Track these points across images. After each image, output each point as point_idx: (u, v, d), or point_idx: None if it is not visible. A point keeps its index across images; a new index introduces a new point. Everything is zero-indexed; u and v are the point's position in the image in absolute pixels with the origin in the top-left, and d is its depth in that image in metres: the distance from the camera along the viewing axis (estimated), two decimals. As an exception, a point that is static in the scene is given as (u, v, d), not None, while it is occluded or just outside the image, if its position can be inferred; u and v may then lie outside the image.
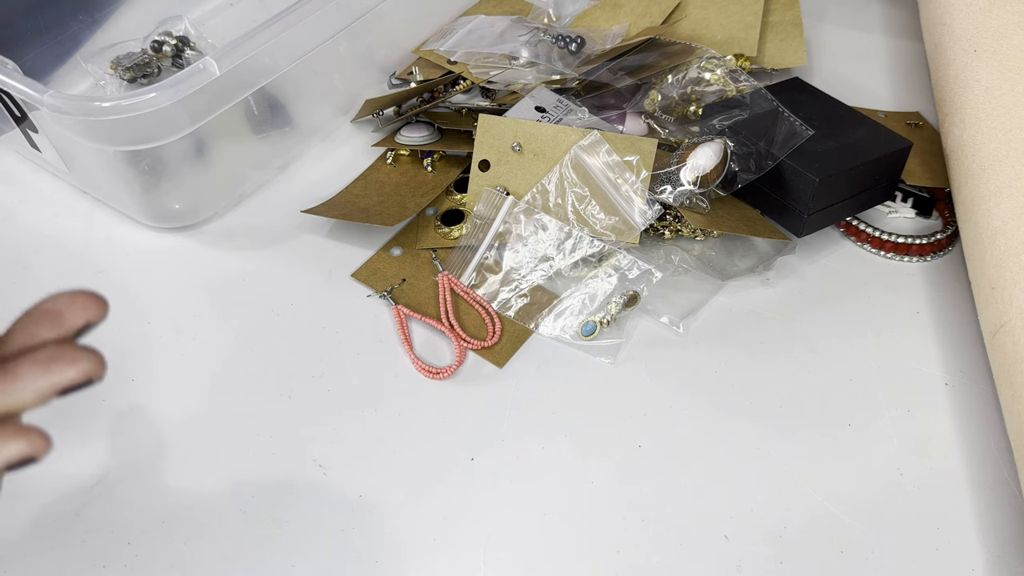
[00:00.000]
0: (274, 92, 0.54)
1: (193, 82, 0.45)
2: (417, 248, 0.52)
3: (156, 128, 0.46)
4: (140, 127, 0.45)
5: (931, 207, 0.56)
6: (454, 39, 0.60)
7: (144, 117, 0.44)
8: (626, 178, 0.50)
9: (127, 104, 0.44)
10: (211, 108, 0.47)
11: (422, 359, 0.47)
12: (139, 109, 0.44)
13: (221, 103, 0.48)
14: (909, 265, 0.53)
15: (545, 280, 0.50)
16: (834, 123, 0.52)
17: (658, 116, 0.56)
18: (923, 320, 0.50)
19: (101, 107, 0.44)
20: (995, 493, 0.42)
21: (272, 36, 0.48)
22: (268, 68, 0.49)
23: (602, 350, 0.47)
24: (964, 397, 0.46)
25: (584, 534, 0.41)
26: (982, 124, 0.49)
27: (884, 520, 0.41)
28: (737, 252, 0.52)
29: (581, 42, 0.58)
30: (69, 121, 0.45)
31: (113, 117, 0.44)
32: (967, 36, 0.53)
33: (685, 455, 0.43)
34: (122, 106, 0.44)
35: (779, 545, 0.40)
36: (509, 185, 0.52)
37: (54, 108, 0.44)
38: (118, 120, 0.44)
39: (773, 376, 0.47)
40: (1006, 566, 0.40)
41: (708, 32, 0.61)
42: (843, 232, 0.54)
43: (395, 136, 0.57)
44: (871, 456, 0.43)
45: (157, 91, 0.44)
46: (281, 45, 0.49)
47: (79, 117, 0.44)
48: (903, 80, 0.65)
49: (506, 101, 0.58)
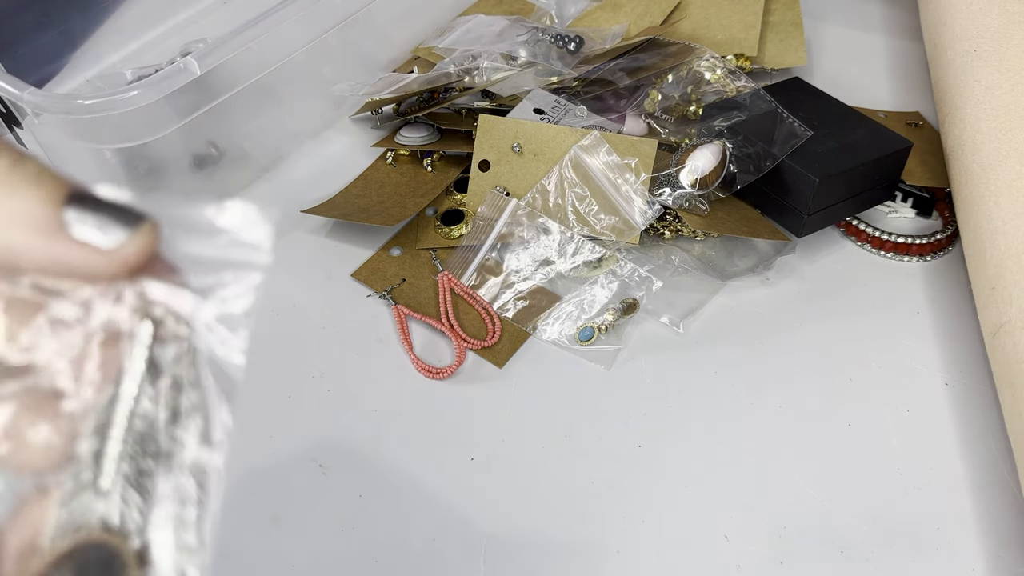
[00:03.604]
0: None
1: (174, 81, 0.46)
2: (417, 248, 0.52)
3: (139, 126, 0.46)
4: (123, 125, 0.46)
5: (931, 207, 0.56)
6: (452, 37, 0.60)
7: (127, 115, 0.45)
8: (626, 178, 0.50)
9: (108, 102, 0.44)
10: (197, 105, 0.48)
11: (422, 359, 0.47)
12: (120, 107, 0.44)
13: (208, 100, 0.48)
14: (909, 265, 0.53)
15: (546, 282, 0.50)
16: (834, 123, 0.52)
17: (658, 116, 0.56)
18: (923, 320, 0.50)
19: (83, 105, 0.44)
20: (995, 493, 0.42)
21: (258, 34, 0.48)
22: (256, 65, 0.50)
23: (599, 356, 0.47)
24: (964, 397, 0.46)
25: (584, 534, 0.41)
26: (982, 124, 0.49)
27: (884, 520, 0.41)
28: (737, 252, 0.52)
29: (580, 42, 0.58)
30: (51, 119, 0.45)
31: (95, 115, 0.44)
32: (967, 36, 0.53)
33: (685, 455, 0.43)
34: (103, 104, 0.44)
35: (779, 545, 0.40)
36: (509, 185, 0.52)
37: (35, 106, 0.44)
38: (100, 118, 0.45)
39: (773, 376, 0.47)
40: (1006, 567, 0.40)
41: (708, 32, 0.61)
42: (843, 232, 0.54)
43: (395, 136, 0.57)
44: (871, 456, 0.43)
45: (139, 89, 0.45)
46: (269, 42, 0.49)
47: (60, 115, 0.44)
48: (903, 80, 0.65)
49: (506, 102, 0.58)
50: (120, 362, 0.21)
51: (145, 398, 0.20)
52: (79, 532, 0.19)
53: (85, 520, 0.20)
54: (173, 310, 0.21)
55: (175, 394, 0.21)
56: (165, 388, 0.21)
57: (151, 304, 0.21)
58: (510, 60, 0.58)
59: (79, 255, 0.20)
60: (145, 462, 0.20)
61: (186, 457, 0.21)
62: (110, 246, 0.20)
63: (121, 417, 0.20)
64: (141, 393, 0.20)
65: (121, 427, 0.20)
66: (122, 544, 0.19)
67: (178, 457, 0.20)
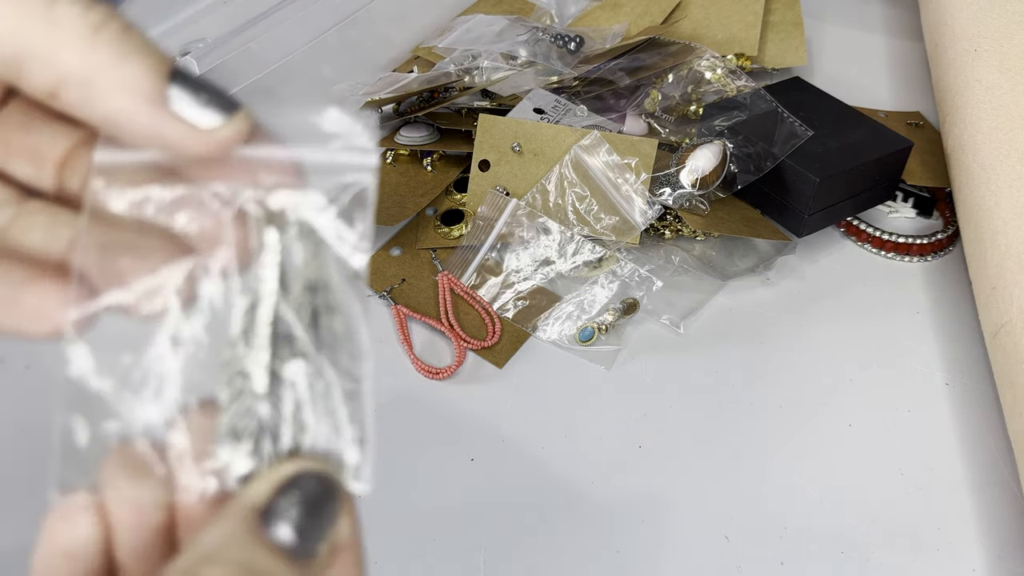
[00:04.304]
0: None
1: None
2: (417, 248, 0.52)
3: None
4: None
5: (932, 207, 0.55)
6: (452, 37, 0.60)
7: None
8: (626, 178, 0.50)
9: None
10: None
11: (422, 359, 0.47)
12: None
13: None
14: (910, 265, 0.53)
15: (546, 282, 0.50)
16: (835, 123, 0.52)
17: (659, 116, 0.56)
18: (924, 320, 0.49)
19: None
20: (996, 493, 0.42)
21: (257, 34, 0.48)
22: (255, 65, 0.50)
23: (599, 356, 0.47)
24: (964, 397, 0.46)
25: (584, 534, 0.41)
26: (983, 124, 0.49)
27: (884, 520, 0.41)
28: (737, 252, 0.52)
29: (580, 41, 0.58)
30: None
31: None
32: (968, 36, 0.53)
33: (685, 455, 0.43)
34: None
35: (779, 545, 0.40)
36: (509, 185, 0.52)
37: None
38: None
39: (773, 376, 0.47)
40: (1007, 567, 0.39)
41: (709, 31, 0.61)
42: (844, 232, 0.54)
43: (394, 136, 0.57)
44: (871, 456, 0.43)
45: None
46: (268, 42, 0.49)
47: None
48: (904, 80, 0.65)
49: (506, 101, 0.58)
50: (251, 257, 0.21)
51: (283, 302, 0.21)
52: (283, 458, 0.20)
53: (246, 424, 0.20)
54: (298, 214, 0.21)
55: (311, 295, 0.21)
56: (298, 291, 0.21)
57: (276, 210, 0.21)
58: (510, 60, 0.58)
59: (177, 131, 0.20)
60: (294, 363, 0.21)
61: (332, 355, 0.21)
62: (208, 126, 0.20)
63: (263, 324, 0.21)
64: (280, 299, 0.21)
65: (265, 333, 0.21)
66: (336, 475, 0.20)
67: (324, 355, 0.21)
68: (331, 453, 0.21)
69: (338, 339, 0.21)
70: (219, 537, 0.18)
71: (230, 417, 0.20)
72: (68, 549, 0.20)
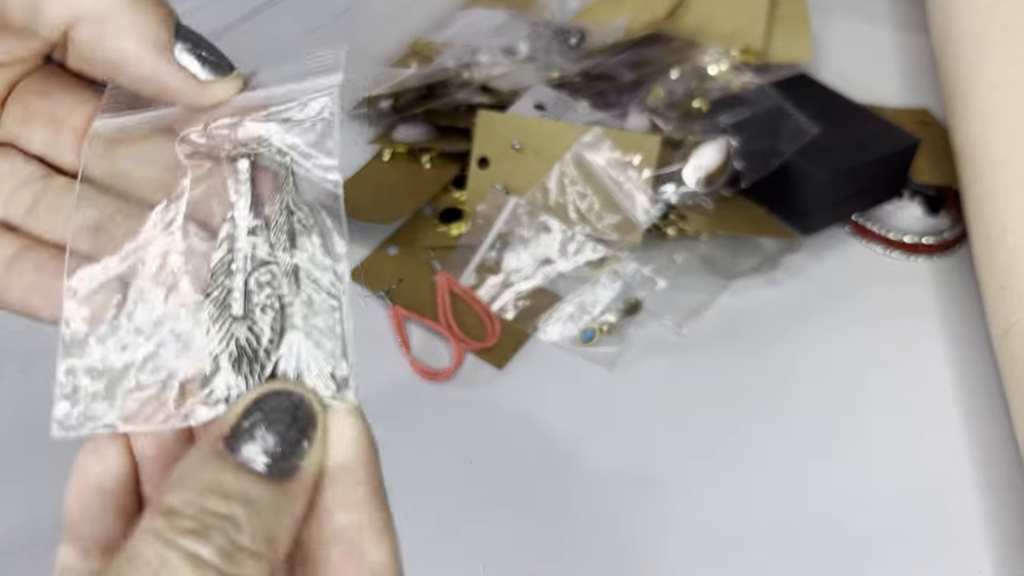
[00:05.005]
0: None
1: None
2: (415, 247, 0.52)
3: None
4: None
5: (939, 205, 0.55)
6: (451, 31, 0.59)
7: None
8: (629, 176, 0.50)
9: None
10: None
11: (420, 361, 0.46)
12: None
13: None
14: (917, 264, 0.52)
15: (546, 282, 0.50)
16: (841, 119, 0.52)
17: (662, 112, 0.55)
18: (931, 320, 0.49)
19: None
20: (1003, 496, 0.42)
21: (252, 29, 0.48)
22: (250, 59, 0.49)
23: (600, 357, 0.47)
24: (972, 398, 0.46)
25: (585, 535, 0.40)
26: (990, 120, 0.48)
27: (889, 522, 0.41)
28: (742, 251, 0.52)
29: (582, 36, 0.57)
30: None
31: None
32: (975, 31, 0.52)
33: (687, 456, 0.43)
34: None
35: (779, 545, 0.40)
36: (509, 183, 0.52)
37: None
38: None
39: (778, 377, 0.46)
40: (1015, 570, 0.39)
41: (713, 26, 0.61)
42: (850, 231, 0.54)
43: (392, 133, 0.57)
44: (877, 457, 0.43)
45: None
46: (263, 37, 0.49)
47: None
48: (911, 75, 0.65)
49: (506, 97, 0.57)
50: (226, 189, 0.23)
51: (259, 227, 0.22)
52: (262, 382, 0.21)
53: (225, 346, 0.21)
54: (266, 141, 0.23)
55: (287, 217, 0.22)
56: (275, 214, 0.22)
57: (245, 139, 0.23)
58: (510, 55, 0.57)
59: (176, 79, 0.22)
60: (273, 285, 0.22)
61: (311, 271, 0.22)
62: (205, 79, 0.22)
63: (240, 253, 0.22)
64: (255, 224, 0.22)
65: (242, 259, 0.22)
66: (307, 392, 0.21)
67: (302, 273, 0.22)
68: (315, 370, 0.21)
69: (316, 258, 0.22)
70: (190, 461, 0.19)
71: (215, 344, 0.21)
72: (99, 483, 0.21)
